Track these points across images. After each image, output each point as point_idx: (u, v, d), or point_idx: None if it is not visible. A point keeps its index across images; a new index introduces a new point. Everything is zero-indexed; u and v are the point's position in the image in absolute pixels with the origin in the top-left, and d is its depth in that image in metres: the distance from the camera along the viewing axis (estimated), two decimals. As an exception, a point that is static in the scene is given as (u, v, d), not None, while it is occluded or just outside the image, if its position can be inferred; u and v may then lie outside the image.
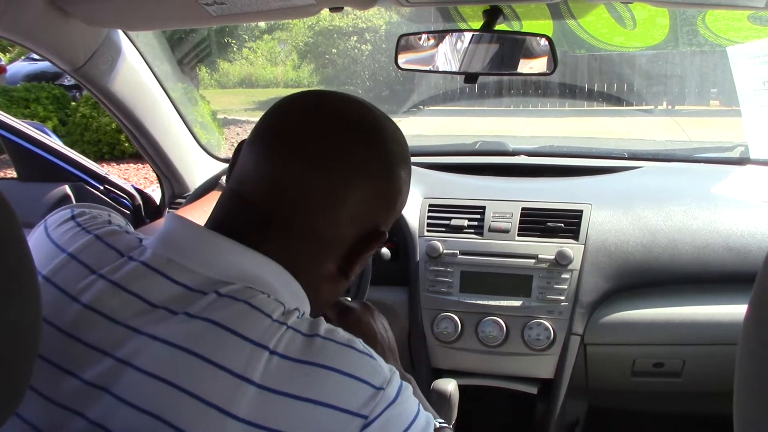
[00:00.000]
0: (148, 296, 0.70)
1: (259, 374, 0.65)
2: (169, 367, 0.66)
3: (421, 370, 1.84)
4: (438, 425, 0.92)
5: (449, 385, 1.60)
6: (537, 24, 1.92)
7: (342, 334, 0.72)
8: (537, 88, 9.95)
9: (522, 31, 1.75)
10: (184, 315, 0.68)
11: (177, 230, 0.77)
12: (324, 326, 0.72)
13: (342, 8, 1.33)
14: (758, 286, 0.54)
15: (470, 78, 1.49)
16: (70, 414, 0.66)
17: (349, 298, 1.14)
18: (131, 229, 0.88)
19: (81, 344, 0.69)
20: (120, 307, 0.70)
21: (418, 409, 0.74)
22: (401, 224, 1.87)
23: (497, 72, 1.54)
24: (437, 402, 1.60)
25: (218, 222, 0.78)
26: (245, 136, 0.83)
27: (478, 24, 1.46)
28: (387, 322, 1.08)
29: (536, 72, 1.47)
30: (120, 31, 1.57)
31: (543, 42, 1.44)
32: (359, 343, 0.72)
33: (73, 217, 0.83)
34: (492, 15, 1.43)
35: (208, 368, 0.65)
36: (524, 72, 1.49)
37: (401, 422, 0.70)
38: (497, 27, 1.44)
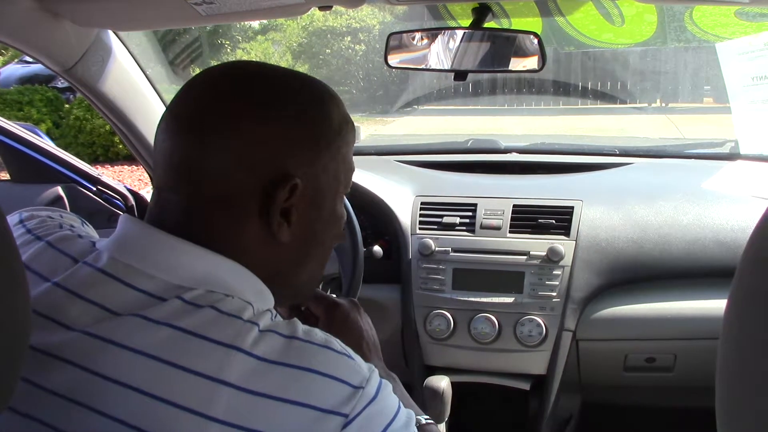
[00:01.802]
0: (107, 303, 0.69)
1: (235, 375, 0.65)
2: (144, 377, 0.65)
3: (414, 367, 1.85)
4: (424, 421, 0.93)
5: (442, 382, 1.61)
6: (526, 21, 1.93)
7: (319, 335, 0.71)
8: (531, 87, 9.97)
9: (511, 28, 1.76)
10: (149, 321, 0.67)
11: (132, 233, 0.75)
12: (301, 328, 0.71)
13: (331, 7, 1.33)
14: (737, 280, 0.55)
15: (460, 75, 1.49)
16: (41, 426, 0.66)
17: (334, 295, 1.13)
18: (88, 230, 0.87)
19: (37, 352, 0.68)
20: (78, 315, 0.69)
21: (399, 406, 0.74)
22: (393, 222, 1.88)
23: (486, 69, 1.55)
24: (430, 399, 1.60)
25: (157, 222, 0.76)
26: None
27: (467, 22, 1.47)
28: (371, 320, 1.07)
29: (525, 69, 1.48)
30: (110, 32, 1.57)
31: (532, 39, 1.45)
32: (336, 343, 0.72)
33: (21, 222, 0.82)
34: (481, 13, 1.44)
35: (183, 375, 0.65)
36: (513, 69, 1.50)
37: (382, 419, 0.71)
38: (486, 25, 1.45)
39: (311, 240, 0.81)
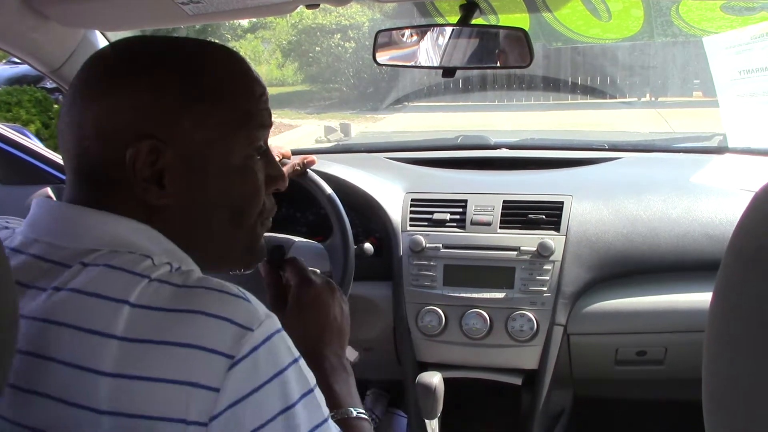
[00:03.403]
0: (18, 278, 0.70)
1: (121, 328, 0.65)
2: (38, 341, 0.66)
3: (406, 363, 1.85)
4: (355, 414, 0.90)
5: (434, 378, 1.62)
6: (513, 18, 1.94)
7: (214, 280, 0.70)
8: (521, 83, 10.01)
9: (498, 24, 1.77)
10: (52, 290, 0.69)
11: (39, 211, 0.77)
12: (196, 275, 0.71)
13: (318, 5, 1.33)
14: (721, 274, 0.56)
15: (448, 72, 1.50)
16: None
17: (317, 271, 1.12)
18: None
19: None
20: None
21: (295, 359, 0.71)
22: (384, 219, 1.88)
23: (475, 66, 1.56)
24: (423, 395, 1.61)
25: (66, 197, 0.78)
26: None
27: (455, 19, 1.47)
28: (347, 306, 1.05)
29: (513, 65, 1.49)
30: (97, 32, 1.57)
31: (519, 35, 1.46)
32: (232, 287, 0.70)
33: None
34: (468, 9, 1.44)
35: (74, 334, 0.65)
36: (501, 65, 1.50)
37: (269, 367, 0.68)
38: (474, 21, 1.46)
39: (209, 201, 0.80)
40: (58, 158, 2.02)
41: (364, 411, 0.92)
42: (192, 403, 0.64)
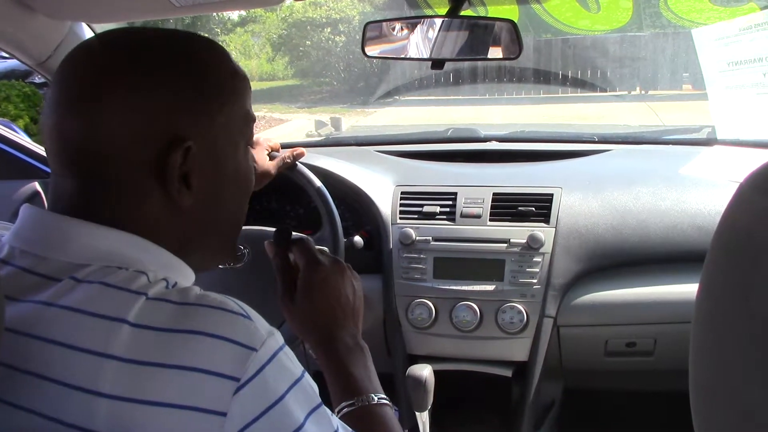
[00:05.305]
0: (6, 291, 0.68)
1: (121, 348, 0.63)
2: (22, 356, 0.64)
3: (396, 356, 1.85)
4: (376, 400, 0.89)
5: (425, 371, 1.61)
6: (502, 9, 1.93)
7: (214, 297, 0.69)
8: (512, 76, 10.01)
9: (487, 16, 1.76)
10: (42, 304, 0.67)
11: (26, 220, 0.75)
12: (195, 293, 0.69)
13: (306, -4, 1.32)
14: (707, 266, 0.56)
15: (436, 64, 1.49)
16: None
17: (326, 249, 1.11)
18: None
19: None
20: None
21: (302, 375, 0.71)
22: (373, 212, 1.88)
23: (463, 57, 1.55)
24: (413, 388, 1.61)
25: (55, 207, 0.75)
26: None
27: (444, 10, 1.47)
28: (359, 283, 1.05)
29: (502, 57, 1.48)
30: (84, 25, 1.55)
31: (508, 27, 1.45)
32: (233, 303, 0.69)
33: None
34: (457, 1, 1.44)
35: (68, 352, 0.64)
36: (490, 57, 1.50)
37: (276, 386, 0.67)
38: (463, 13, 1.45)
39: (217, 201, 0.79)
40: (44, 152, 2.01)
41: (385, 396, 0.91)
42: (198, 430, 0.63)
